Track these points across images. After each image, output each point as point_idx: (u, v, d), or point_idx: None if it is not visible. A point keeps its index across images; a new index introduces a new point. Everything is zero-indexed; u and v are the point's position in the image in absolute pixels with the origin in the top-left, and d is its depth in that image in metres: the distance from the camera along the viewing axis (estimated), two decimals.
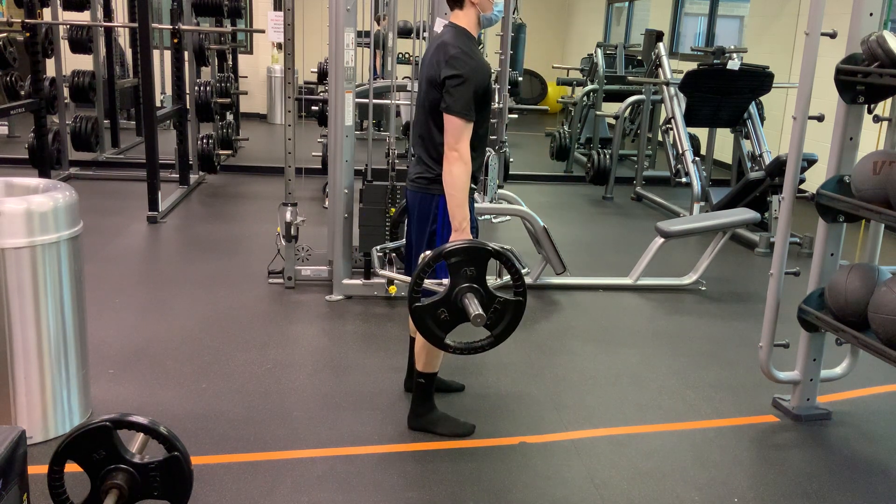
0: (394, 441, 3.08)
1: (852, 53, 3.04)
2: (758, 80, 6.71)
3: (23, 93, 7.09)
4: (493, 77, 4.36)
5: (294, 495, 2.68)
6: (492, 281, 4.57)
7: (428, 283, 2.67)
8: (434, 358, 3.05)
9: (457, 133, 2.79)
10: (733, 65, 6.58)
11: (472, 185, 2.96)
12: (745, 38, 10.05)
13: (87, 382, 3.11)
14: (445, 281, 2.65)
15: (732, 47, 7.26)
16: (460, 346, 2.70)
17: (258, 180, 7.92)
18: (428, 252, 2.71)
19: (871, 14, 3.03)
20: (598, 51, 9.60)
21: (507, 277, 4.13)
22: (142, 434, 2.32)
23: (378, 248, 3.34)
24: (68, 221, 2.87)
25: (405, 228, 3.46)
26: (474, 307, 2.55)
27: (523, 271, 3.94)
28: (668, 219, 5.93)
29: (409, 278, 2.79)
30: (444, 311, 2.62)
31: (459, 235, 2.82)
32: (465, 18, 2.91)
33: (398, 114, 6.77)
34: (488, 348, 2.70)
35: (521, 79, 9.76)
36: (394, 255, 4.57)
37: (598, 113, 9.08)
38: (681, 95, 6.98)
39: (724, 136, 7.70)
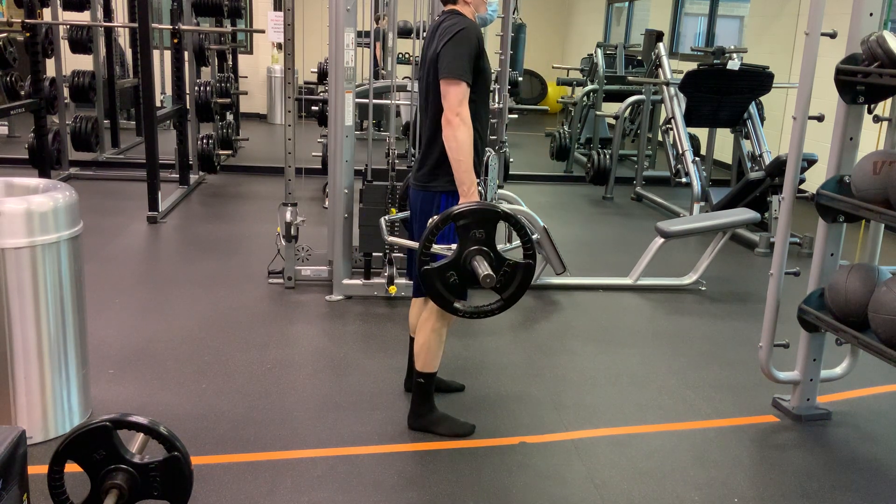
0: (394, 441, 3.08)
1: (852, 53, 3.04)
2: (758, 80, 6.71)
3: (23, 93, 7.09)
4: (494, 76, 4.34)
5: (294, 495, 2.68)
6: (500, 247, 4.59)
7: (436, 248, 2.64)
8: (433, 357, 3.05)
9: (457, 96, 2.74)
10: (733, 65, 6.58)
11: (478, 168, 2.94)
12: (745, 38, 10.05)
13: (87, 382, 3.11)
14: (454, 246, 2.63)
15: (732, 47, 7.26)
16: (470, 310, 2.67)
17: (258, 180, 7.92)
18: (436, 216, 2.68)
19: (871, 14, 3.03)
20: (598, 51, 9.60)
21: (516, 242, 4.06)
22: (142, 434, 2.32)
23: (385, 217, 3.33)
24: (68, 221, 2.87)
25: (407, 229, 3.46)
26: (484, 268, 2.53)
27: (533, 236, 3.91)
28: (668, 219, 5.93)
29: (415, 244, 2.76)
30: (453, 274, 2.60)
31: (466, 200, 2.78)
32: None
33: (398, 114, 6.77)
34: (498, 312, 2.67)
35: (521, 79, 9.76)
36: (396, 253, 4.57)
37: (598, 113, 9.08)
38: (681, 95, 6.98)
39: (724, 136, 7.70)
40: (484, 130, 3.00)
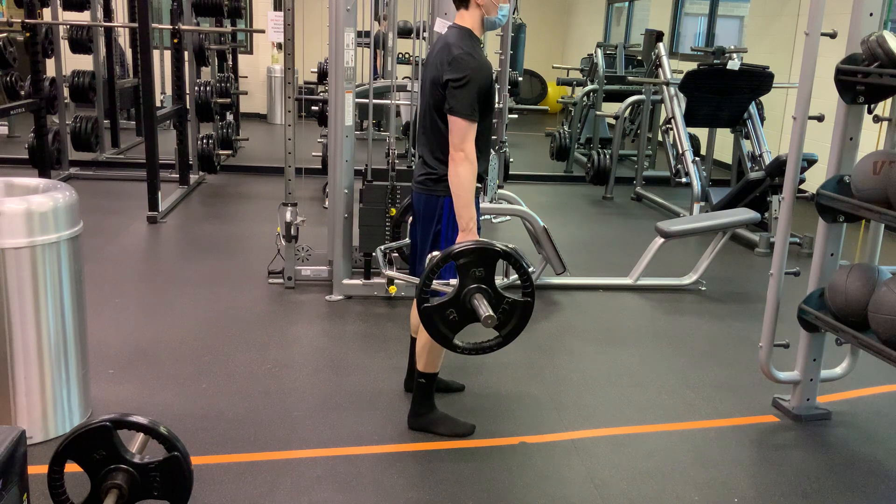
0: (394, 441, 3.08)
1: (852, 53, 3.04)
2: (758, 80, 6.71)
3: (23, 93, 7.09)
4: (494, 76, 4.35)
5: (294, 495, 2.68)
6: (498, 281, 4.59)
7: (436, 284, 2.67)
8: (435, 358, 3.05)
9: (462, 134, 2.79)
10: (733, 65, 6.58)
11: (478, 185, 2.96)
12: (745, 38, 10.05)
13: (87, 382, 3.11)
14: (453, 282, 2.65)
15: (732, 47, 7.26)
16: (469, 347, 2.70)
17: (258, 180, 7.92)
18: (436, 253, 2.71)
19: (871, 14, 3.02)
20: (598, 51, 9.60)
21: (514, 277, 4.11)
22: (142, 434, 2.32)
23: (382, 248, 3.36)
24: (68, 221, 2.87)
25: (409, 228, 3.47)
26: (484, 308, 2.55)
27: (530, 270, 3.96)
28: (668, 219, 5.93)
29: (415, 279, 2.79)
30: (452, 311, 2.63)
31: (466, 236, 2.82)
32: (469, 19, 2.91)
33: (398, 114, 6.77)
34: (497, 348, 2.70)
35: (521, 79, 9.76)
36: (395, 254, 4.57)
37: (598, 113, 9.08)
38: (681, 95, 6.98)
39: (724, 136, 7.70)
40: (485, 149, 3.03)
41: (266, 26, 9.76)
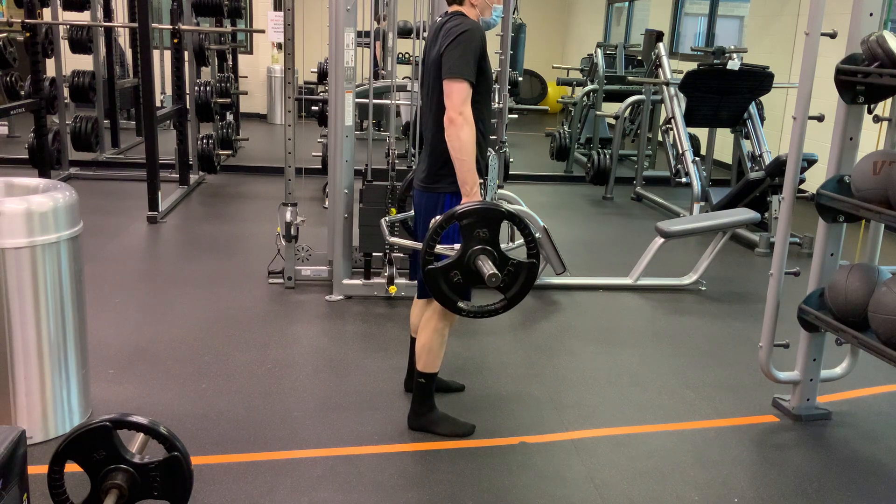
0: (394, 441, 3.08)
1: (852, 53, 3.04)
2: (758, 80, 6.71)
3: (23, 93, 7.09)
4: (494, 76, 4.32)
5: (294, 495, 2.68)
6: (503, 247, 4.59)
7: (440, 248, 2.65)
8: (435, 358, 3.05)
9: (460, 95, 2.74)
10: (733, 65, 6.58)
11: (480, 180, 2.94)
12: (745, 38, 10.05)
13: (87, 382, 3.11)
14: (457, 246, 2.64)
15: (732, 47, 7.26)
16: (474, 310, 2.68)
17: (258, 180, 7.92)
18: (439, 216, 2.68)
19: (871, 14, 3.03)
20: (598, 51, 9.60)
21: (518, 241, 4.06)
22: (142, 434, 2.32)
23: (386, 219, 3.34)
24: (68, 221, 2.87)
25: (408, 230, 3.47)
26: (489, 267, 2.53)
27: (535, 235, 3.93)
28: (668, 219, 5.93)
29: (418, 245, 2.77)
30: (457, 273, 2.61)
31: (468, 200, 2.78)
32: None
33: (398, 114, 6.77)
34: (502, 311, 2.67)
35: (521, 79, 9.76)
36: (396, 253, 4.57)
37: (598, 113, 9.08)
38: (681, 95, 6.98)
39: (724, 136, 7.70)
40: (487, 130, 3.02)
41: (266, 26, 9.77)
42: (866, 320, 2.90)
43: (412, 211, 3.42)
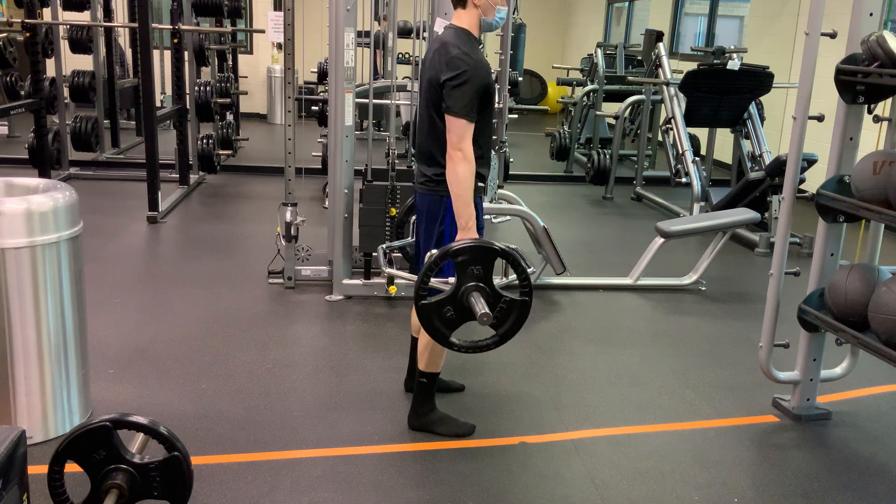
0: (394, 441, 3.08)
1: (852, 53, 3.04)
2: (758, 80, 6.71)
3: (23, 93, 7.09)
4: (494, 76, 4.33)
5: (294, 495, 2.68)
6: (497, 280, 4.59)
7: (434, 282, 2.67)
8: (437, 357, 3.06)
9: (460, 133, 2.80)
10: (733, 65, 6.58)
11: (480, 184, 2.96)
12: (745, 38, 10.05)
13: (87, 382, 3.11)
14: (452, 279, 2.65)
15: (732, 47, 7.26)
16: (466, 345, 2.70)
17: (258, 180, 7.92)
18: (435, 250, 2.71)
19: (871, 14, 3.03)
20: (598, 51, 9.60)
21: (512, 276, 4.08)
22: (142, 434, 2.32)
23: (384, 245, 3.36)
24: (68, 221, 2.87)
25: (412, 227, 3.47)
26: (481, 306, 2.55)
27: (529, 271, 3.95)
28: (668, 219, 5.93)
29: (414, 277, 2.79)
30: (450, 309, 2.62)
31: (466, 234, 2.82)
32: (466, 19, 2.91)
33: (398, 114, 6.77)
34: (493, 347, 2.69)
35: (521, 79, 9.75)
36: (395, 253, 4.57)
37: (598, 113, 9.08)
38: (681, 95, 6.98)
39: (724, 136, 7.70)
40: (487, 152, 3.05)
41: (266, 26, 9.78)
42: (866, 320, 2.90)
43: (410, 238, 3.43)
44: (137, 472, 2.26)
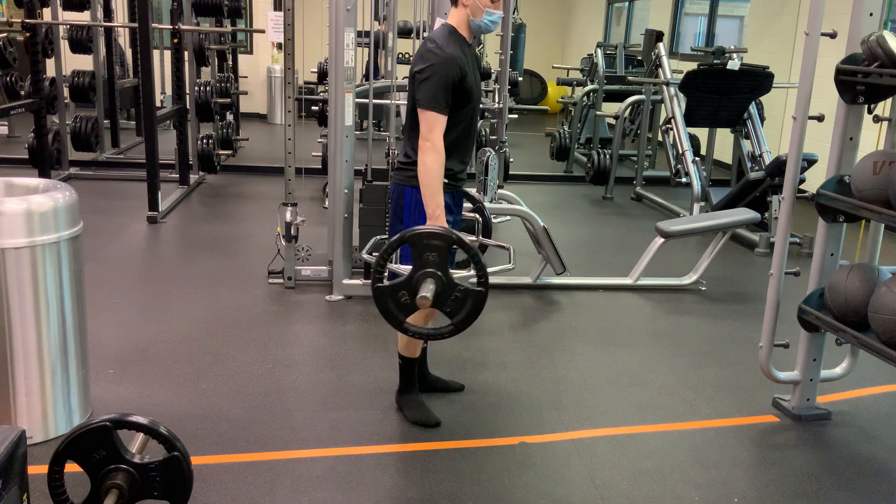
0: (394, 441, 3.08)
1: (852, 53, 3.04)
2: (758, 80, 6.71)
3: (23, 93, 7.09)
4: (493, 77, 4.30)
5: (294, 495, 2.68)
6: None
7: (401, 268, 2.72)
8: (413, 344, 3.13)
9: (429, 124, 2.86)
10: (733, 65, 6.58)
11: (451, 182, 2.99)
12: (745, 38, 10.05)
13: (87, 382, 3.11)
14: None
15: (732, 47, 7.26)
16: (419, 331, 2.71)
17: (258, 180, 7.92)
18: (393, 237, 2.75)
19: (871, 14, 3.03)
20: (598, 51, 9.60)
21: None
22: (142, 434, 2.32)
23: (378, 237, 3.41)
24: (68, 221, 2.87)
25: None
26: (425, 289, 2.55)
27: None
28: (668, 219, 5.93)
29: (404, 267, 2.79)
30: (404, 294, 2.63)
31: (432, 223, 2.85)
32: (455, 17, 2.96)
33: (398, 114, 6.77)
34: (448, 336, 2.69)
35: (521, 79, 9.76)
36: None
37: (598, 113, 9.08)
38: (681, 95, 6.98)
39: (724, 136, 7.70)
40: (466, 145, 3.05)
41: (266, 26, 9.76)
42: (866, 320, 2.90)
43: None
44: (137, 472, 2.26)
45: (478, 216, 3.60)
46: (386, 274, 2.66)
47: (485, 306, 2.62)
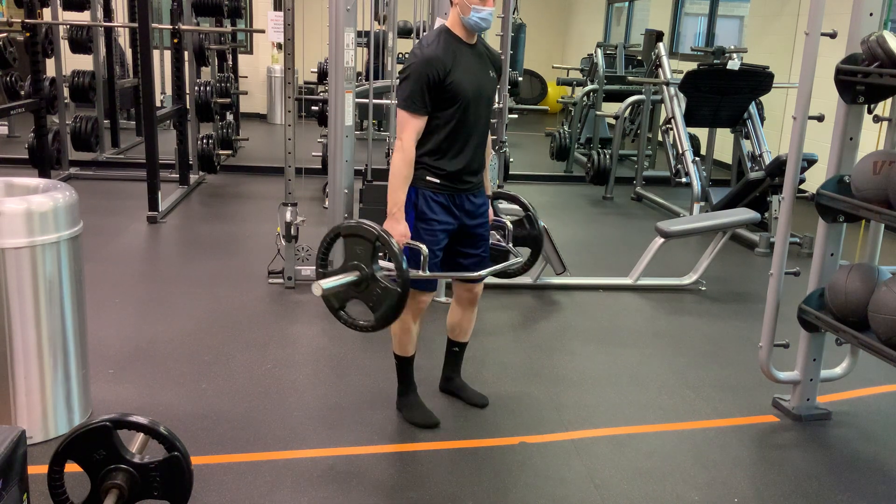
0: (394, 441, 3.08)
1: (852, 53, 3.04)
2: (758, 80, 6.71)
3: (23, 93, 7.09)
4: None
5: (294, 495, 2.68)
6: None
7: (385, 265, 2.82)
8: (398, 342, 3.16)
9: (401, 123, 2.92)
10: (733, 65, 6.58)
11: (433, 179, 2.99)
12: (745, 38, 10.05)
13: (87, 382, 3.11)
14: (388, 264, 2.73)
15: (732, 47, 7.26)
16: (349, 321, 2.78)
17: (258, 180, 7.92)
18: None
19: (871, 14, 3.03)
20: (598, 51, 9.60)
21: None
22: (142, 434, 2.32)
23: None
24: (68, 221, 2.87)
25: None
26: (329, 280, 2.64)
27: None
28: (668, 219, 5.93)
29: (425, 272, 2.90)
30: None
31: (389, 221, 2.90)
32: (450, 17, 2.98)
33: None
34: (369, 330, 2.75)
35: (521, 79, 9.75)
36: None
37: (598, 113, 9.08)
38: (681, 95, 6.98)
39: (724, 136, 7.70)
40: (453, 145, 2.99)
41: (266, 26, 9.75)
42: (866, 320, 2.90)
43: None
44: (137, 472, 2.26)
45: (507, 223, 3.39)
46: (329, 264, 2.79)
47: (404, 307, 2.67)
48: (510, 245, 3.34)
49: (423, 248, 2.85)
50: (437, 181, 2.99)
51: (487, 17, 2.91)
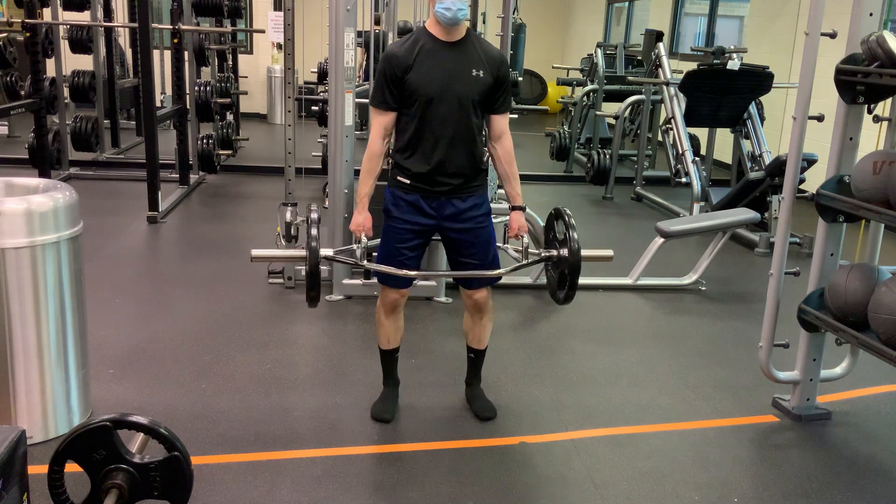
0: (394, 441, 3.08)
1: (852, 53, 3.04)
2: (758, 80, 6.71)
3: (23, 93, 7.09)
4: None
5: (294, 495, 2.68)
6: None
7: (383, 268, 2.97)
8: (379, 337, 3.26)
9: (371, 117, 3.09)
10: (733, 65, 6.58)
11: (402, 179, 3.04)
12: (745, 38, 10.05)
13: (87, 382, 3.11)
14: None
15: (732, 47, 7.25)
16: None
17: (258, 180, 7.92)
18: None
19: (871, 14, 3.02)
20: (598, 51, 9.60)
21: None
22: (142, 434, 2.32)
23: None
24: (68, 221, 2.87)
25: None
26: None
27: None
28: (668, 219, 5.93)
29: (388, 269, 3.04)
30: None
31: (355, 210, 3.13)
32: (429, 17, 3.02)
33: None
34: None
35: (521, 79, 9.74)
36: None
37: (598, 113, 9.07)
38: (681, 95, 6.98)
39: (724, 136, 7.70)
40: (422, 143, 2.99)
41: (266, 26, 9.77)
42: (866, 320, 2.90)
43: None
44: (137, 472, 2.26)
45: (525, 237, 3.58)
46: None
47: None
48: (526, 260, 3.34)
49: (364, 238, 3.07)
50: (407, 181, 3.03)
51: (451, 6, 2.84)
